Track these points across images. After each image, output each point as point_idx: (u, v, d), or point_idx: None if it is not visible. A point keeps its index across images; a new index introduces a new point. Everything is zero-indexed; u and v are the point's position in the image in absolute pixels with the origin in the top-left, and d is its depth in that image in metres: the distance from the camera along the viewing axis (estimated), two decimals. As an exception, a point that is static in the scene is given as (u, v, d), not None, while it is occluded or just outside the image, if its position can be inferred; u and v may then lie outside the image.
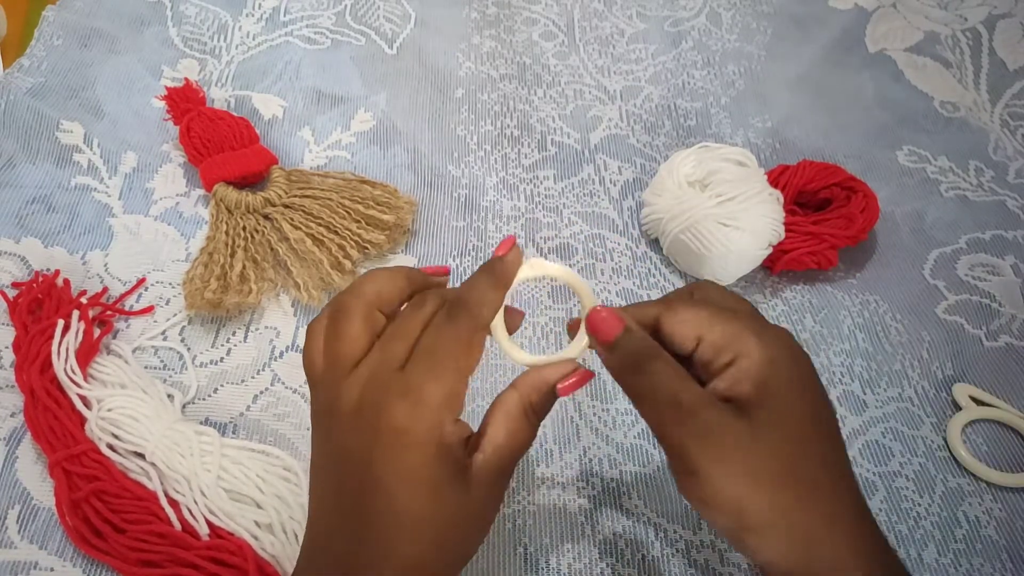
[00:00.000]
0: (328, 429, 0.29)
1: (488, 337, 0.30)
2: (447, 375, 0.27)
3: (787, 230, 0.47)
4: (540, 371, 0.30)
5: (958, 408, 0.44)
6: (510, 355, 0.31)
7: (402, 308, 0.30)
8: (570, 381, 0.30)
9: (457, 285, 0.49)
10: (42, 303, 0.43)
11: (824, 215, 0.49)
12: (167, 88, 0.53)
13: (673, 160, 0.50)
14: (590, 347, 0.31)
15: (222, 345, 0.44)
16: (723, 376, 0.27)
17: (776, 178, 0.50)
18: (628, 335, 0.29)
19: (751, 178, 0.47)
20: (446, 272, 0.33)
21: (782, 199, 0.48)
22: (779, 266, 0.48)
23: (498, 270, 0.29)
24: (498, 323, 0.30)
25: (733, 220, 0.46)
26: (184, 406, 0.42)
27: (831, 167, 0.51)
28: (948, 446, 0.42)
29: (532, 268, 0.31)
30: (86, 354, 0.41)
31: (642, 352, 0.28)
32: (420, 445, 0.26)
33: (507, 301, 0.30)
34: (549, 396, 0.30)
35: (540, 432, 0.41)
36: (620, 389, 0.44)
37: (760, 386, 0.26)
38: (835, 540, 0.26)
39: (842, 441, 0.28)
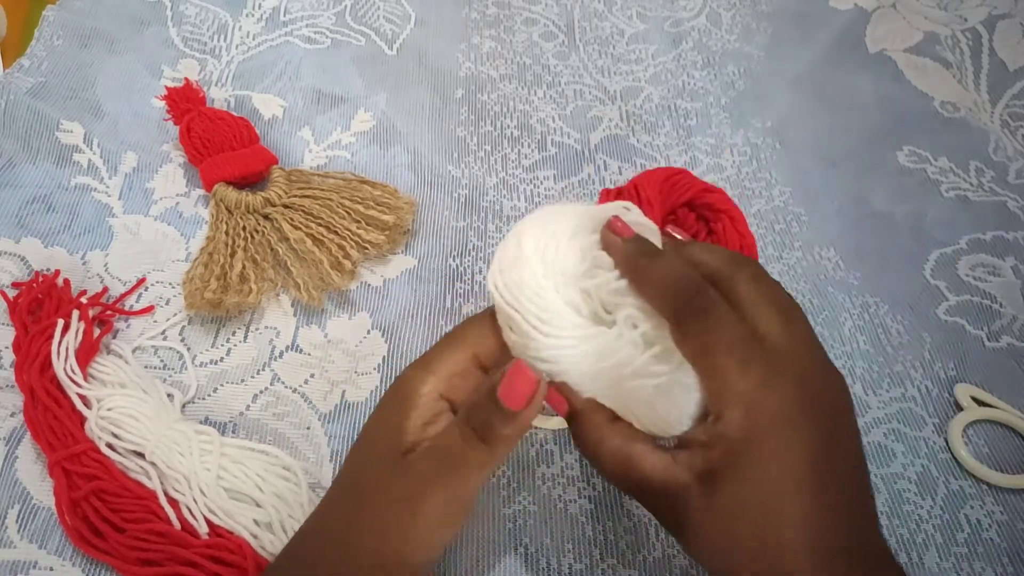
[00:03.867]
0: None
1: None
2: (449, 341, 0.29)
3: None
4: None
5: (960, 409, 0.44)
6: None
7: None
8: (512, 383, 0.26)
9: (457, 284, 0.49)
10: (42, 303, 0.43)
11: None
12: (167, 88, 0.53)
13: (547, 256, 0.29)
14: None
15: (222, 345, 0.44)
16: (701, 430, 0.26)
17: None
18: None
19: None
20: None
21: None
22: None
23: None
24: None
25: (676, 385, 0.28)
26: (184, 405, 0.42)
27: (675, 179, 0.39)
28: (949, 447, 0.42)
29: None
30: (86, 354, 0.41)
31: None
32: (393, 391, 0.29)
33: None
34: (493, 406, 0.27)
35: (540, 433, 0.41)
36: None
37: (730, 454, 0.25)
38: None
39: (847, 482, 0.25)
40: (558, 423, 0.31)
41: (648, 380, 0.27)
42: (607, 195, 0.39)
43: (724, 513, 0.24)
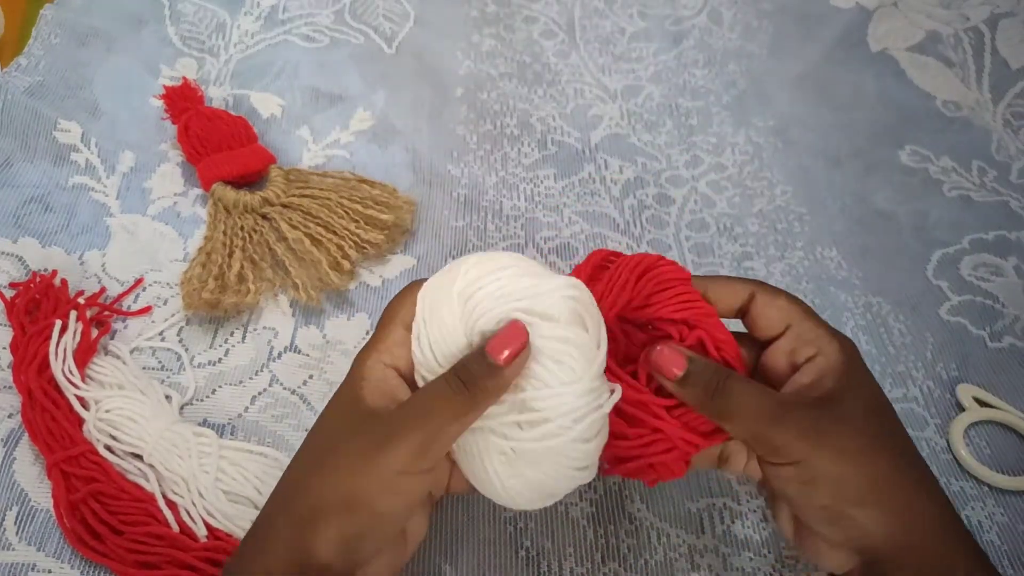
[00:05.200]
0: None
1: None
2: (382, 321, 0.32)
3: (625, 411, 0.31)
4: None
5: (962, 409, 0.43)
6: None
7: None
8: (502, 342, 0.28)
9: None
10: (39, 303, 0.43)
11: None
12: (165, 87, 0.53)
13: (472, 304, 0.29)
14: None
15: (220, 346, 0.44)
16: (806, 370, 0.30)
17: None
18: (695, 364, 0.30)
19: (578, 378, 0.29)
20: None
21: (606, 421, 0.30)
22: (611, 471, 0.32)
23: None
24: None
25: (522, 459, 0.29)
26: (182, 407, 0.41)
27: (668, 277, 0.32)
28: (951, 448, 0.42)
29: None
30: (84, 355, 0.41)
31: (717, 374, 0.30)
32: (348, 374, 0.31)
33: None
34: (481, 359, 0.28)
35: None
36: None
37: (841, 380, 0.30)
38: (924, 506, 0.28)
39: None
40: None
41: (498, 439, 0.29)
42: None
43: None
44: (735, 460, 0.34)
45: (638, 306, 0.32)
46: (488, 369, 0.28)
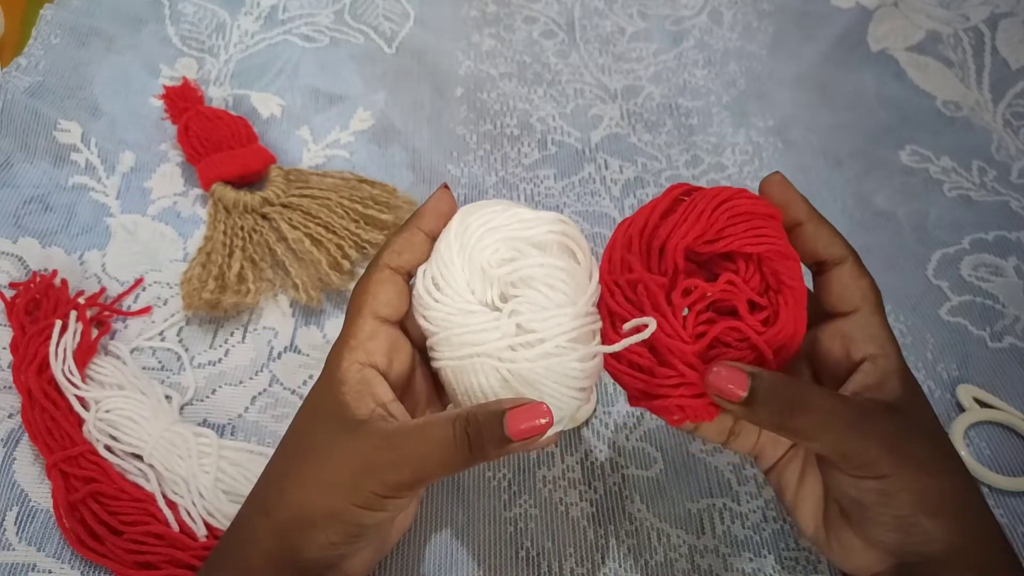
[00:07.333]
0: None
1: None
2: (350, 314, 0.31)
3: (663, 345, 0.28)
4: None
5: (962, 410, 0.43)
6: None
7: None
8: (525, 414, 0.27)
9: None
10: (40, 303, 0.43)
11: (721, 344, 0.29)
12: (165, 87, 0.53)
13: (468, 236, 0.30)
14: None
15: (220, 346, 0.44)
16: (870, 370, 0.29)
17: (651, 223, 0.29)
18: (759, 380, 0.26)
19: (571, 303, 0.30)
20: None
21: (598, 330, 0.30)
22: (637, 404, 0.31)
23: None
24: None
25: (519, 381, 0.29)
26: (182, 407, 0.41)
27: (746, 210, 0.29)
28: (951, 448, 0.42)
29: None
30: (84, 355, 0.41)
31: (788, 388, 0.27)
32: (324, 374, 0.30)
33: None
34: (496, 425, 0.27)
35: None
36: (621, 392, 0.44)
37: (905, 385, 0.28)
38: (980, 513, 0.28)
39: None
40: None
41: (494, 362, 0.29)
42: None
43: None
44: (745, 437, 0.32)
45: (710, 239, 0.28)
46: (499, 438, 0.27)
